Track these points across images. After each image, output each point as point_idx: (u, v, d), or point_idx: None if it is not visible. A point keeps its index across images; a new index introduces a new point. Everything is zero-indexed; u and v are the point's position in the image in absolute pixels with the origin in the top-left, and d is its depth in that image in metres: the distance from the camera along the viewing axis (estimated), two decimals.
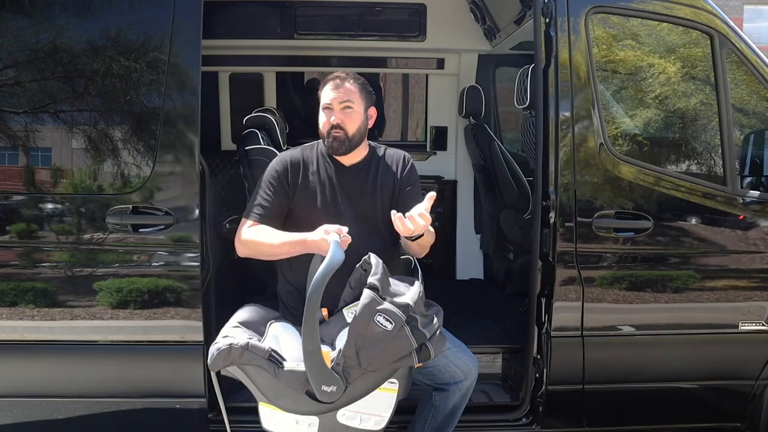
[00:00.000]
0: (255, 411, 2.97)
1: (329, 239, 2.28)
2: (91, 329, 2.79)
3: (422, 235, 2.45)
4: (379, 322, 2.18)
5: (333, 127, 2.55)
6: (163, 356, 2.82)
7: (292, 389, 2.23)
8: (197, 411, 2.83)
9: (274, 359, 2.26)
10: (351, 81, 2.59)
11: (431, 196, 2.35)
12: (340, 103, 2.55)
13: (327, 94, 2.58)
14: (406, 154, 2.77)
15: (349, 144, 2.58)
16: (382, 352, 2.20)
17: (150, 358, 2.82)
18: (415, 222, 2.30)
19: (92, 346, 2.80)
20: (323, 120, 2.59)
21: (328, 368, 2.19)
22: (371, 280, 2.25)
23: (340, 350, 2.21)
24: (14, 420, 2.86)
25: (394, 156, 2.73)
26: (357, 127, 2.58)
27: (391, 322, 2.19)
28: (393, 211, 2.33)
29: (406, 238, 2.44)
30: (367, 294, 2.21)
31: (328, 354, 2.22)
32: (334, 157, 2.64)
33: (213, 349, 2.29)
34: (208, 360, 2.30)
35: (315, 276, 2.16)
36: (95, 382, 2.84)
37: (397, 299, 2.26)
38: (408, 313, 2.23)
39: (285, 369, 2.25)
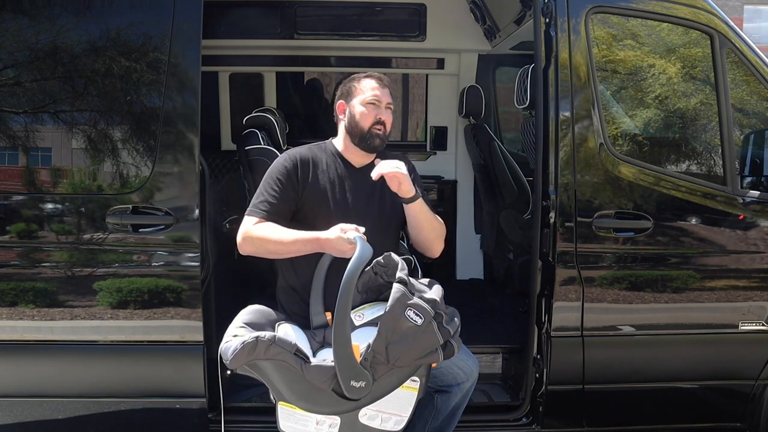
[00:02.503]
0: (255, 411, 3.00)
1: (349, 236, 2.28)
2: (91, 329, 2.78)
3: (416, 198, 2.51)
4: (409, 316, 2.17)
5: (378, 122, 2.58)
6: (163, 356, 2.82)
7: (317, 386, 2.19)
8: (197, 411, 2.83)
9: (301, 354, 2.22)
10: (388, 86, 2.66)
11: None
12: (386, 104, 2.62)
13: (373, 91, 2.60)
14: (408, 158, 2.81)
15: (385, 142, 2.64)
16: (411, 348, 2.19)
17: (150, 358, 2.82)
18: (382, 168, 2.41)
19: (92, 346, 2.80)
20: (365, 112, 2.58)
21: (357, 363, 2.16)
22: (400, 274, 2.25)
23: (369, 345, 2.18)
24: (14, 420, 2.86)
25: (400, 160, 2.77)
26: (390, 128, 2.66)
27: (420, 317, 2.18)
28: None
29: (403, 201, 2.51)
30: (397, 288, 2.20)
31: (358, 348, 2.19)
32: (345, 157, 2.66)
33: (235, 344, 2.20)
34: (228, 356, 2.21)
35: (347, 269, 2.14)
36: (95, 382, 2.84)
37: (424, 295, 2.27)
38: (435, 308, 2.24)
39: (312, 364, 2.20)
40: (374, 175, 2.43)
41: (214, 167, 4.48)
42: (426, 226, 2.61)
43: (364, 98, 2.59)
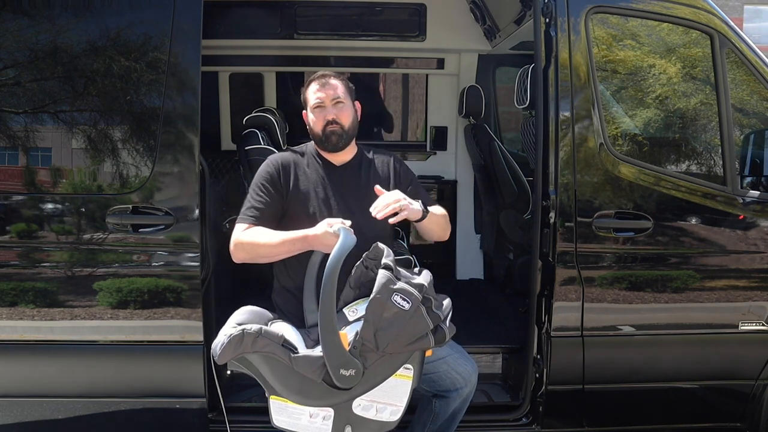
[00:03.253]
0: (255, 411, 2.99)
1: (334, 229, 2.28)
2: (91, 329, 2.78)
3: (424, 217, 2.51)
4: (396, 301, 2.17)
5: (329, 122, 2.59)
6: (163, 356, 2.82)
7: (307, 376, 2.19)
8: (197, 411, 2.83)
9: (288, 345, 2.22)
10: (334, 78, 2.65)
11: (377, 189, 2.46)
12: (332, 100, 2.61)
13: (316, 94, 2.62)
14: (395, 155, 2.83)
15: (347, 137, 2.63)
16: (400, 334, 2.18)
17: (150, 358, 2.82)
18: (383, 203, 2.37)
19: (92, 346, 2.80)
20: (315, 119, 2.62)
21: (345, 351, 2.16)
22: (385, 260, 2.26)
23: (357, 333, 2.18)
24: (14, 420, 2.86)
25: (384, 158, 2.79)
26: (351, 120, 2.65)
27: (407, 302, 2.18)
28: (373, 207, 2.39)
29: (415, 221, 2.53)
30: (383, 274, 2.20)
31: (346, 336, 2.19)
32: (324, 156, 2.68)
33: (221, 339, 2.22)
34: (217, 351, 2.23)
35: (330, 258, 2.14)
36: (95, 382, 2.84)
37: (411, 280, 2.27)
38: (423, 293, 2.23)
39: (299, 354, 2.21)
40: (379, 216, 2.37)
41: (214, 167, 4.48)
42: (436, 229, 2.67)
43: (311, 104, 2.63)
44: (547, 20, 2.90)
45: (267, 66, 4.91)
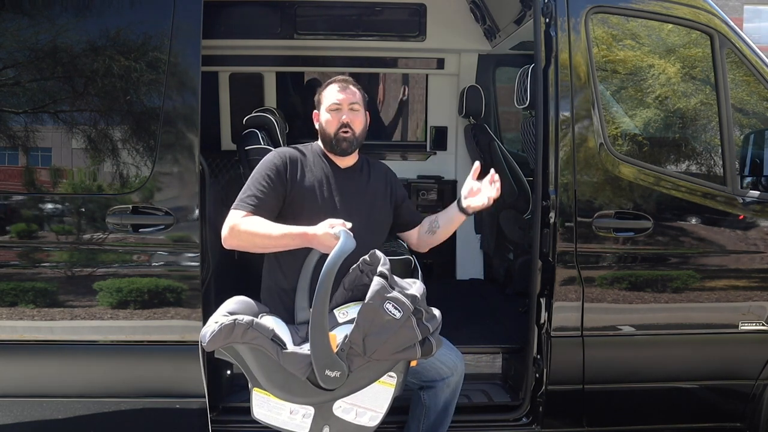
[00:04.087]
0: None
1: (335, 231, 2.29)
2: (91, 329, 2.78)
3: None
4: (388, 309, 2.19)
5: (343, 126, 2.61)
6: (163, 356, 2.82)
7: (293, 373, 2.20)
8: (197, 411, 2.82)
9: (278, 340, 2.24)
10: (353, 85, 2.68)
11: (477, 167, 2.73)
12: (349, 105, 2.63)
13: (334, 95, 2.64)
14: (386, 164, 2.91)
15: (356, 143, 2.66)
16: (388, 341, 2.20)
17: (150, 358, 2.82)
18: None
19: (92, 346, 2.80)
20: (329, 119, 2.63)
21: (333, 352, 2.18)
22: (381, 269, 2.27)
23: (346, 336, 2.20)
24: (14, 420, 2.86)
25: (381, 167, 2.86)
26: (362, 128, 2.68)
27: (399, 311, 2.20)
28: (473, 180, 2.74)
29: (464, 212, 2.75)
30: (377, 281, 2.21)
31: (335, 338, 2.21)
32: (330, 158, 2.69)
33: (212, 327, 2.23)
34: (206, 338, 2.23)
35: (328, 260, 2.15)
36: (95, 382, 2.84)
37: (405, 291, 2.28)
38: (415, 304, 2.25)
39: (288, 351, 2.22)
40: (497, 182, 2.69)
41: (214, 167, 4.48)
42: (451, 231, 2.77)
43: (328, 105, 2.65)
44: (547, 20, 2.91)
45: (267, 66, 4.92)
